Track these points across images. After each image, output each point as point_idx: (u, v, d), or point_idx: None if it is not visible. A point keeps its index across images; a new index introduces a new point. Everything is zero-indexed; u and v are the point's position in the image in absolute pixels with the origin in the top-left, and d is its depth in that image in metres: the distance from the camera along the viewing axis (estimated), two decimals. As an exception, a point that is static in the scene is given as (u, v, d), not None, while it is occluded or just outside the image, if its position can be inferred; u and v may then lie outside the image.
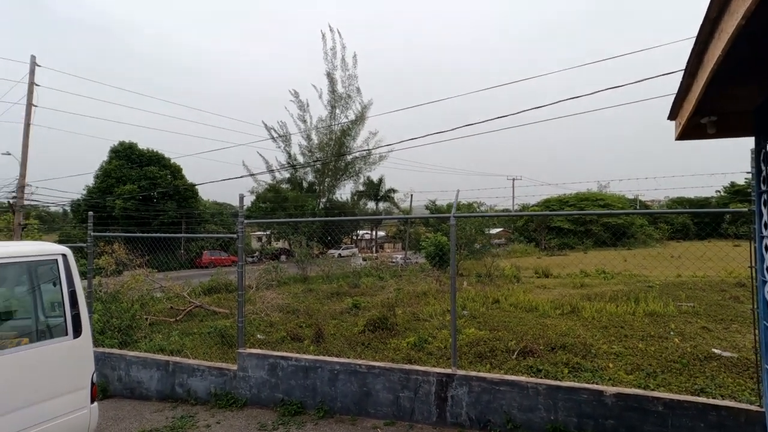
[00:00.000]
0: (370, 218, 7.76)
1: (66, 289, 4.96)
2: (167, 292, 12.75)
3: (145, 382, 7.17)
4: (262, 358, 6.49)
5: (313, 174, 49.32)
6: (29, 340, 4.83)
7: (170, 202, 41.78)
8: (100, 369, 7.33)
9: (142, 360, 7.24)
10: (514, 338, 8.54)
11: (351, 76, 46.65)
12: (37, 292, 5.23)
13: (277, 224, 43.31)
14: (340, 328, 10.08)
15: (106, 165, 42.62)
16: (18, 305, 5.55)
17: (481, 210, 33.90)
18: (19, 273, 5.36)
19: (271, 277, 17.59)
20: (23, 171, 20.65)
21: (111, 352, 7.56)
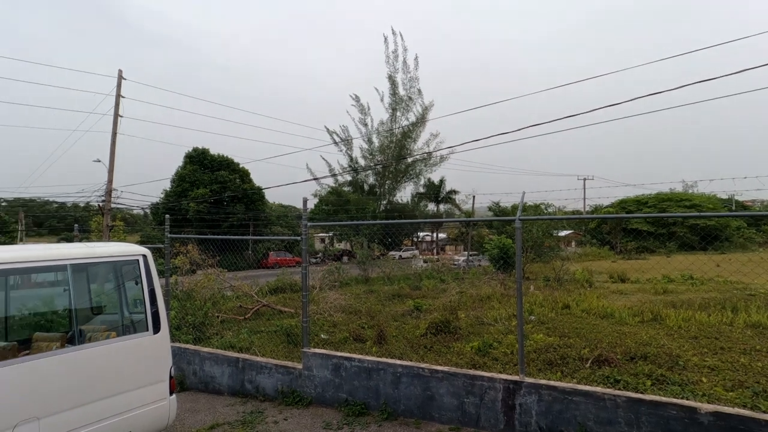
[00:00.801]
0: (431, 221, 7.70)
1: (146, 288, 5.36)
2: (236, 291, 13.39)
3: (217, 377, 7.56)
4: (326, 358, 6.62)
5: (374, 176, 49.89)
6: (116, 334, 5.27)
7: (239, 205, 43.79)
8: (177, 363, 7.82)
9: (214, 356, 7.64)
10: (587, 346, 8.11)
11: (412, 78, 46.76)
12: (121, 290, 5.67)
13: (338, 226, 44.28)
14: (402, 330, 10.08)
15: (181, 170, 45.49)
16: (107, 302, 6.06)
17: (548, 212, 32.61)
18: (106, 272, 5.86)
19: (333, 278, 17.95)
20: (110, 177, 22.60)
21: (186, 348, 8.06)
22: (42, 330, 5.80)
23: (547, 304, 12.85)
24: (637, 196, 51.89)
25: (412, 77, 46.85)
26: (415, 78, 46.98)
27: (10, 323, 5.40)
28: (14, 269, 4.96)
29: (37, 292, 7.03)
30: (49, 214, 62.77)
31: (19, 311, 6.07)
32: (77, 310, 5.23)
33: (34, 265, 5.09)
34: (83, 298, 5.53)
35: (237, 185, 44.49)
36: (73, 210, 48.84)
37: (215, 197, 41.94)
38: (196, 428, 6.02)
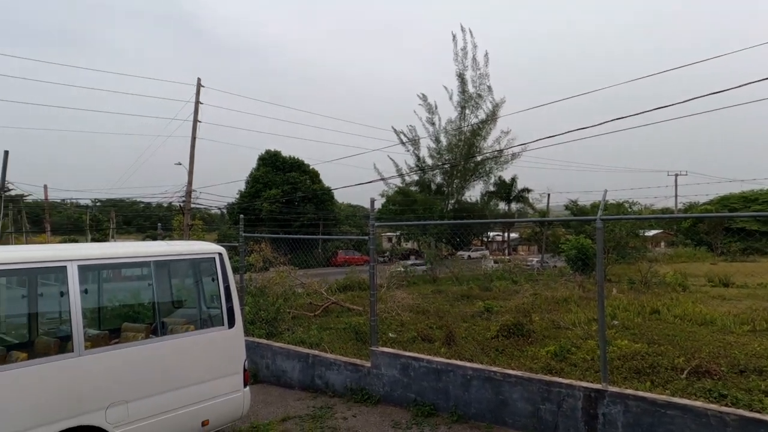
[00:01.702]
0: (502, 221, 7.42)
1: (222, 284, 5.61)
2: (307, 288, 13.80)
3: (288, 371, 7.80)
4: (394, 358, 6.61)
5: (441, 176, 49.44)
6: (194, 328, 5.58)
7: (309, 205, 45.29)
8: (250, 356, 8.18)
9: (285, 351, 7.89)
10: (682, 354, 7.42)
11: (482, 75, 45.82)
12: (199, 285, 6.03)
13: (406, 226, 44.37)
14: (472, 332, 9.85)
15: (255, 172, 47.90)
16: (186, 296, 6.45)
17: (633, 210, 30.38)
18: (186, 268, 6.25)
19: (401, 276, 17.97)
20: (190, 179, 24.30)
21: (260, 342, 8.39)
22: (129, 321, 6.30)
23: (632, 308, 11.99)
24: (743, 192, 46.95)
25: (482, 74, 45.87)
26: (485, 75, 45.95)
27: (102, 313, 5.92)
28: (106, 264, 5.45)
29: (125, 286, 7.68)
30: (136, 213, 68.73)
31: (110, 303, 6.66)
32: (160, 304, 5.63)
33: (122, 261, 5.53)
34: (165, 293, 5.94)
35: (307, 186, 46.03)
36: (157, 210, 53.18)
37: (287, 198, 43.64)
38: (269, 420, 6.24)
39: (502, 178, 51.75)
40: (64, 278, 4.61)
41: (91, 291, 5.18)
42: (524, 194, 52.49)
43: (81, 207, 58.51)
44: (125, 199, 62.07)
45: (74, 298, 4.57)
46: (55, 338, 4.82)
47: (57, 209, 55.32)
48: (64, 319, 4.90)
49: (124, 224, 67.93)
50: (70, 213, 62.61)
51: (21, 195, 35.49)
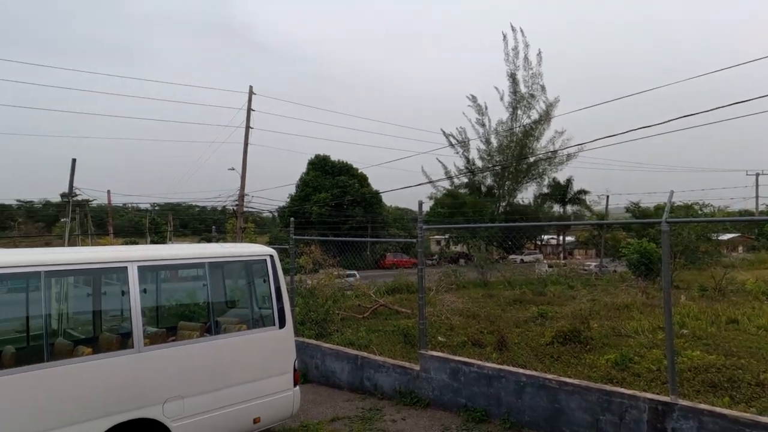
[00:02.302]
0: (557, 223, 7.15)
1: (273, 285, 5.77)
2: (355, 290, 13.94)
3: (337, 372, 7.89)
4: (443, 362, 6.54)
5: (492, 178, 48.61)
6: (247, 327, 5.75)
7: (357, 208, 45.86)
8: (300, 357, 8.32)
9: (335, 352, 7.99)
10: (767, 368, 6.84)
11: (535, 74, 44.75)
12: (251, 286, 6.20)
13: (455, 229, 43.90)
14: (525, 338, 9.58)
15: (305, 176, 49.05)
16: (238, 297, 6.65)
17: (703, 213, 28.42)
18: (238, 270, 6.48)
19: (450, 280, 17.77)
20: (243, 183, 25.29)
21: (309, 342, 8.55)
22: (185, 319, 6.58)
23: (704, 317, 11.23)
24: None
25: (535, 73, 44.79)
26: (538, 74, 44.83)
27: (160, 312, 6.19)
28: (163, 265, 5.76)
29: (181, 286, 8.02)
30: (192, 216, 72.16)
31: (167, 302, 6.98)
32: (214, 304, 5.82)
33: (178, 262, 5.85)
34: (219, 293, 6.15)
35: (356, 189, 46.64)
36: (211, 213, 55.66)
37: (336, 201, 44.36)
38: (318, 420, 6.33)
39: (557, 180, 50.16)
40: (125, 278, 4.88)
41: (149, 290, 5.45)
42: (580, 196, 50.50)
43: (141, 211, 62.28)
44: (182, 203, 65.46)
45: (134, 297, 4.82)
46: (117, 335, 5.09)
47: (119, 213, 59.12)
48: (125, 317, 5.17)
49: (181, 227, 71.54)
50: (131, 216, 66.83)
51: (87, 200, 38.11)
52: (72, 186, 28.23)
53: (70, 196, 29.29)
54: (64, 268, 4.94)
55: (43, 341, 4.56)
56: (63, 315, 5.89)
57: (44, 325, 4.72)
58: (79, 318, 6.14)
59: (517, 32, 45.78)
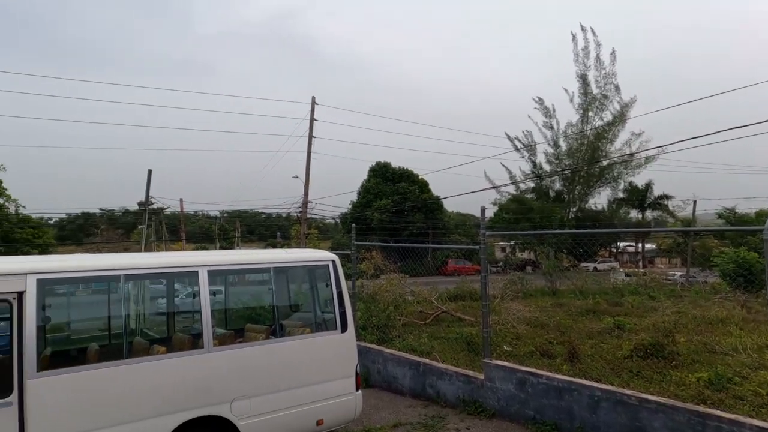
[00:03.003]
0: (637, 230, 6.72)
1: (335, 290, 5.91)
2: (417, 296, 13.90)
3: (399, 378, 7.91)
4: (509, 371, 6.37)
5: (560, 182, 46.88)
6: (310, 331, 5.92)
7: (418, 214, 45.92)
8: (362, 361, 8.40)
9: (396, 358, 8.02)
10: None
11: (608, 74, 42.83)
12: (314, 291, 6.41)
13: (521, 235, 42.66)
14: (599, 350, 9.08)
15: (366, 182, 49.99)
16: (302, 301, 6.85)
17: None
18: (302, 275, 6.70)
19: (516, 288, 17.25)
20: (306, 190, 26.12)
21: (371, 347, 8.63)
22: (251, 322, 6.86)
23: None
24: None
25: (608, 73, 42.85)
26: (612, 74, 42.84)
27: (228, 314, 6.51)
28: (231, 270, 6.09)
29: (247, 290, 8.38)
30: (258, 223, 75.54)
31: (235, 305, 7.31)
32: (278, 307, 6.05)
33: (245, 267, 6.19)
34: (283, 297, 6.38)
35: (416, 196, 46.74)
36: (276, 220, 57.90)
37: (396, 207, 44.69)
38: (380, 425, 6.36)
39: (634, 184, 47.45)
40: (195, 282, 5.18)
41: (218, 294, 5.76)
42: (662, 201, 47.36)
43: (211, 218, 66.04)
44: (249, 210, 68.73)
45: (204, 299, 5.11)
46: (189, 335, 5.42)
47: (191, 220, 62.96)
48: (196, 318, 5.47)
49: (248, 233, 75.04)
50: (202, 223, 71.01)
51: (161, 208, 41.00)
52: (148, 195, 30.41)
53: (147, 204, 31.62)
54: (141, 271, 5.37)
55: (123, 340, 4.95)
56: (140, 316, 6.35)
57: (123, 324, 5.13)
58: (154, 319, 6.58)
59: (587, 32, 44.01)
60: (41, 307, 4.42)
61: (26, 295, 4.26)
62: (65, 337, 5.90)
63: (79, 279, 5.41)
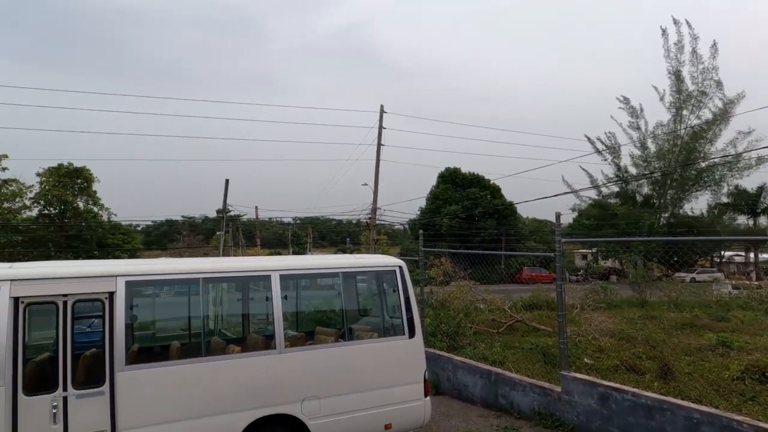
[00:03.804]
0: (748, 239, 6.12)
1: (402, 296, 5.98)
2: (488, 304, 13.60)
3: (470, 386, 7.83)
4: (590, 385, 6.08)
5: (649, 186, 43.93)
6: (378, 335, 6.04)
7: (490, 220, 45.15)
8: (431, 368, 8.39)
9: (467, 366, 7.95)
10: None
11: (706, 69, 39.68)
12: (382, 296, 6.52)
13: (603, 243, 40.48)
14: (699, 368, 8.38)
15: (435, 189, 49.96)
16: (370, 306, 7.01)
17: None
18: (369, 280, 6.90)
19: (598, 297, 16.37)
20: (375, 197, 26.68)
21: (440, 354, 8.60)
22: (321, 325, 7.10)
23: None
24: None
25: (707, 68, 39.66)
26: (712, 68, 39.59)
27: (299, 317, 6.80)
28: (302, 274, 6.41)
29: (317, 294, 8.68)
30: (329, 229, 78.05)
31: (305, 308, 7.61)
32: (347, 311, 6.23)
33: (315, 271, 6.45)
34: (351, 302, 6.57)
35: (488, 201, 46.06)
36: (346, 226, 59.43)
37: (466, 213, 44.23)
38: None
39: (741, 187, 43.43)
40: (268, 285, 5.46)
41: (289, 297, 6.01)
42: (778, 206, 42.88)
43: (284, 224, 69.09)
44: (320, 217, 71.25)
45: (276, 302, 5.37)
46: (262, 336, 5.72)
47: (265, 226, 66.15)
48: (268, 320, 5.78)
49: (320, 239, 77.62)
50: (276, 229, 74.46)
51: (238, 215, 43.50)
52: (225, 203, 32.39)
53: (224, 212, 33.70)
54: (219, 275, 5.80)
55: (201, 339, 5.34)
56: (217, 316, 6.78)
57: (202, 324, 5.54)
58: (230, 320, 6.99)
59: (680, 25, 41.08)
60: (129, 307, 4.87)
61: (116, 295, 4.71)
62: (150, 335, 6.45)
63: (163, 281, 5.94)
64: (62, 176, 37.87)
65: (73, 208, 38.95)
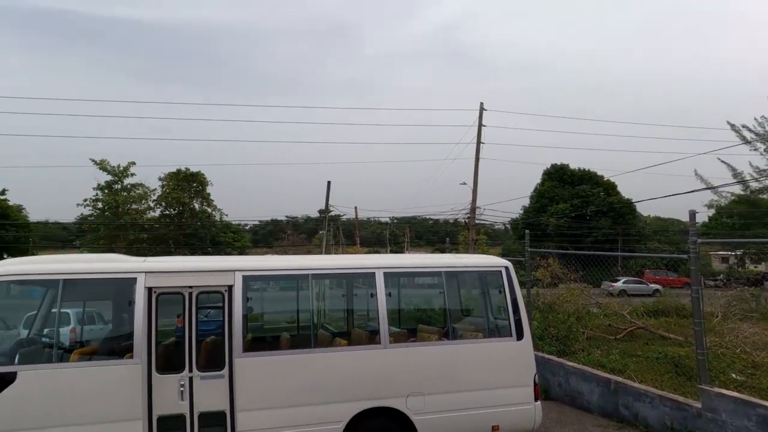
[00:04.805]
0: None
1: (509, 297, 5.92)
2: (604, 308, 12.79)
3: (585, 394, 7.50)
4: (744, 405, 5.48)
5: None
6: (483, 336, 6.05)
7: (604, 219, 42.70)
8: (540, 372, 8.06)
9: (581, 372, 7.64)
10: None
11: None
12: (486, 296, 6.51)
13: (752, 244, 36.01)
14: None
15: (540, 187, 48.36)
16: (473, 306, 7.01)
17: None
18: (472, 280, 6.92)
19: (747, 306, 14.59)
20: (474, 196, 26.29)
21: (550, 358, 8.35)
22: (422, 323, 7.21)
23: None
24: None
25: None
26: None
27: (400, 314, 6.97)
28: (405, 273, 6.61)
29: (418, 292, 8.78)
30: (426, 228, 78.66)
31: (407, 306, 7.74)
32: (450, 310, 6.24)
33: (418, 270, 6.62)
34: (454, 301, 6.58)
35: (601, 199, 43.80)
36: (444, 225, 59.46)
37: (576, 212, 42.22)
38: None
39: None
40: (372, 282, 5.69)
41: (392, 294, 6.19)
42: None
43: (382, 224, 70.80)
44: (417, 217, 72.01)
45: (381, 299, 5.57)
46: (365, 331, 5.97)
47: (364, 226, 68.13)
48: (372, 316, 6.01)
49: (416, 238, 78.40)
50: (374, 229, 76.54)
51: (338, 215, 45.31)
52: (328, 203, 33.83)
53: (326, 212, 35.26)
54: (326, 271, 6.28)
55: (311, 331, 5.71)
56: (323, 311, 7.16)
57: (311, 317, 5.93)
58: (334, 314, 7.32)
59: None
60: (245, 299, 5.33)
61: (234, 288, 5.19)
62: (261, 326, 6.96)
63: (275, 276, 6.56)
64: (180, 180, 42.28)
65: (189, 209, 43.29)
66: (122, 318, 5.83)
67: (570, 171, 47.48)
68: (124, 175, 39.29)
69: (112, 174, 38.86)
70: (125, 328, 5.54)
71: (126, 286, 5.19)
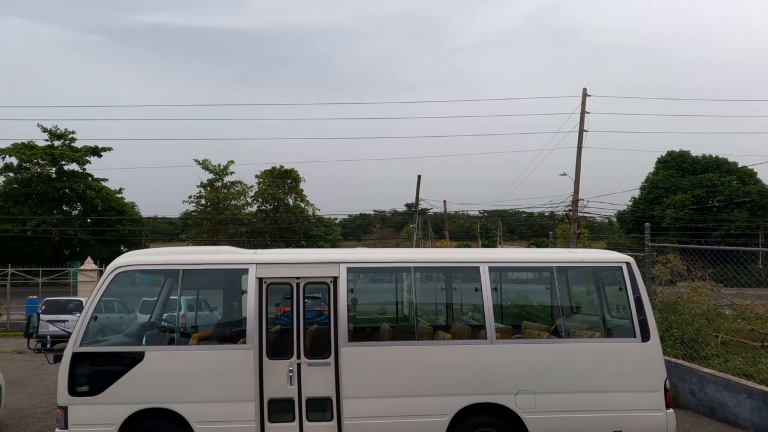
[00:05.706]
0: None
1: (632, 295, 5.62)
2: (742, 311, 11.60)
3: (729, 406, 7.03)
4: None
5: None
6: (600, 335, 5.79)
7: (738, 211, 39.19)
8: (667, 377, 7.59)
9: (722, 380, 7.17)
10: None
11: None
12: (602, 294, 6.21)
13: None
14: None
15: (653, 176, 45.17)
16: (587, 303, 6.70)
17: None
18: (588, 276, 6.63)
19: None
20: (576, 188, 25.08)
21: (679, 363, 7.87)
22: (527, 320, 7.06)
23: None
24: None
25: None
26: None
27: (504, 310, 6.83)
28: (511, 267, 6.59)
29: (524, 288, 8.53)
30: (519, 222, 76.51)
31: (511, 301, 7.57)
32: (560, 308, 6.06)
33: (525, 265, 6.55)
34: (564, 297, 6.32)
35: (733, 188, 40.38)
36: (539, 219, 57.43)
37: (699, 203, 39.05)
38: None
39: None
40: (476, 277, 5.66)
41: (497, 289, 6.06)
42: None
43: (472, 217, 69.90)
44: (509, 210, 70.05)
45: (486, 294, 5.54)
46: (468, 326, 5.95)
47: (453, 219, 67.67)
48: (476, 310, 6.04)
49: (509, 232, 76.48)
50: (463, 222, 75.85)
51: (427, 209, 45.50)
52: (418, 197, 33.99)
53: (417, 206, 35.47)
54: (429, 264, 6.38)
55: (414, 323, 5.82)
56: (425, 303, 7.28)
57: (414, 310, 6.04)
58: (432, 308, 7.38)
59: None
60: (349, 290, 5.53)
61: (339, 279, 5.41)
62: (365, 316, 7.14)
63: (378, 269, 6.82)
64: (275, 177, 45.07)
65: (284, 204, 45.89)
66: (233, 306, 6.29)
67: (691, 158, 43.94)
68: (224, 173, 42.55)
69: (214, 172, 42.27)
70: (236, 315, 6.02)
71: (238, 276, 5.63)
